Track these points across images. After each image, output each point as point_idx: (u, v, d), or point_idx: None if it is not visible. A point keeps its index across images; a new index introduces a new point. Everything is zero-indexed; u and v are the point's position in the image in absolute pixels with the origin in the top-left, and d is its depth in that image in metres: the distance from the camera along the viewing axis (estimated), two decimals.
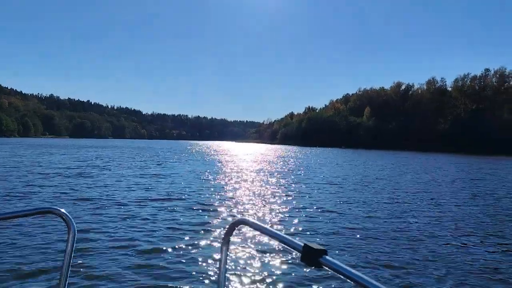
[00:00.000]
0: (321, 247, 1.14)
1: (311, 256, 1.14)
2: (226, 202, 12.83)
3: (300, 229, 9.27)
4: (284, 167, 30.88)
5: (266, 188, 16.95)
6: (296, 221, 10.17)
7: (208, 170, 25.66)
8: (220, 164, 33.08)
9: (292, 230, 9.14)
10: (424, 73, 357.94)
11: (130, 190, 14.90)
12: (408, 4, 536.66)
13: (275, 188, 16.93)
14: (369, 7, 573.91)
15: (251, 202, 13.04)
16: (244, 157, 46.82)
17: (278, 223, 9.97)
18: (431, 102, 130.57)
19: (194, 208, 11.50)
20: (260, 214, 11.01)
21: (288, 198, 14.11)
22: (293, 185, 18.36)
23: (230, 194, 14.59)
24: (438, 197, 15.99)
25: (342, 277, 1.05)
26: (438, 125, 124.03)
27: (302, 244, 1.19)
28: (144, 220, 9.64)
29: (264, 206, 12.34)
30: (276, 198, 14.12)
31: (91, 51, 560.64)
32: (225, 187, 16.89)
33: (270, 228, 1.41)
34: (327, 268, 1.10)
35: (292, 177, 22.81)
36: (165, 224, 9.28)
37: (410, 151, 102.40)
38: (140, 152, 52.10)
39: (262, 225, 1.46)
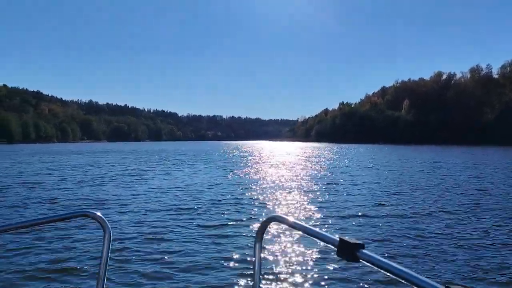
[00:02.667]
0: (358, 241, 1.12)
1: (347, 250, 1.11)
2: (258, 200, 12.79)
3: (334, 226, 9.05)
4: (313, 170, 27.39)
5: (297, 189, 15.75)
6: (329, 219, 9.82)
7: (237, 170, 25.06)
8: (248, 164, 31.89)
9: (325, 227, 9.00)
10: (465, 61, 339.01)
11: (162, 191, 14.99)
12: None
13: (306, 189, 15.71)
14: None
15: (283, 201, 12.69)
16: (267, 158, 43.48)
17: (311, 220, 9.80)
18: (475, 91, 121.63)
19: (227, 207, 11.53)
20: (292, 213, 10.86)
21: (320, 199, 13.17)
22: (322, 189, 15.89)
23: (260, 193, 14.40)
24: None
25: (380, 270, 1.02)
26: (484, 115, 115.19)
27: (338, 239, 1.17)
28: (176, 220, 9.68)
29: (296, 205, 11.98)
30: (308, 198, 13.37)
31: (131, 59, 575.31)
32: (255, 186, 16.54)
33: (304, 224, 1.39)
34: (364, 262, 1.08)
35: (323, 182, 19.51)
36: (197, 223, 9.31)
37: (454, 144, 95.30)
38: (166, 156, 49.56)
39: (295, 221, 1.44)
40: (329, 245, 1.21)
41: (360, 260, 1.09)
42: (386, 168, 26.41)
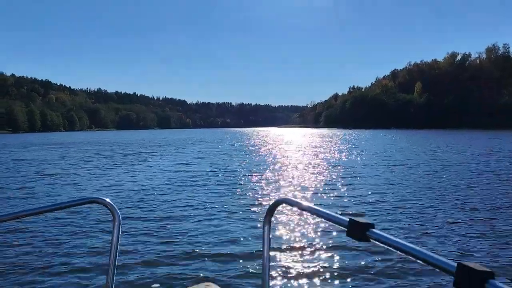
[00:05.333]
0: (368, 221, 1.11)
1: (357, 230, 1.10)
2: (265, 184, 12.81)
3: (343, 208, 9.05)
4: (316, 161, 24.45)
5: (305, 175, 15.35)
6: (338, 201, 9.84)
7: (243, 158, 24.50)
8: (253, 151, 31.27)
9: (335, 208, 8.92)
10: (481, 42, 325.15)
11: (169, 177, 15.19)
12: None
13: (313, 175, 15.34)
14: None
15: (290, 186, 12.55)
16: (270, 146, 40.63)
17: (320, 202, 9.72)
18: (492, 72, 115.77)
19: (235, 190, 11.58)
20: (301, 196, 10.84)
21: (327, 184, 13.01)
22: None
23: (268, 178, 14.32)
24: None
25: (391, 249, 1.02)
26: (502, 97, 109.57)
27: (348, 219, 1.16)
28: (185, 203, 9.80)
29: (304, 189, 11.95)
30: (315, 183, 13.21)
31: (140, 47, 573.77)
32: (262, 172, 16.44)
33: (313, 206, 1.39)
34: (375, 242, 1.07)
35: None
36: (207, 206, 9.40)
37: (469, 128, 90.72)
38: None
39: (304, 203, 1.43)
40: (339, 226, 1.20)
41: (371, 240, 1.08)
42: (399, 154, 24.79)
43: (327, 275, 5.11)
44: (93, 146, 40.79)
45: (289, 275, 5.11)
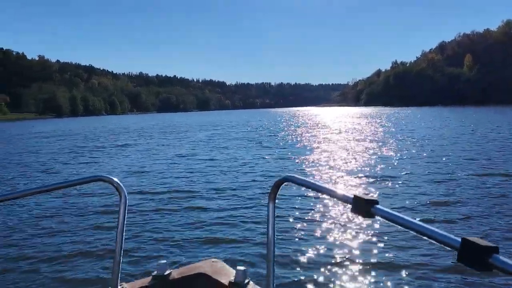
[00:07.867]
0: (372, 197, 1.11)
1: (362, 207, 1.10)
2: (271, 164, 13.11)
3: (348, 186, 9.27)
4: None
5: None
6: (343, 179, 9.99)
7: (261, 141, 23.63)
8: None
9: (340, 186, 9.18)
10: None
11: (174, 155, 15.80)
12: None
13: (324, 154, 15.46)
14: None
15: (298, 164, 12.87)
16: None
17: (325, 181, 9.83)
18: None
19: (242, 171, 11.65)
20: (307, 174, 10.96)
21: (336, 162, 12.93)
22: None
23: (274, 158, 14.36)
24: None
25: (395, 225, 1.02)
26: None
27: (352, 196, 1.16)
28: (190, 183, 9.92)
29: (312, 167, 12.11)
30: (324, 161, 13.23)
31: (179, 29, 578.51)
32: (273, 155, 15.86)
33: (318, 183, 1.38)
34: (379, 218, 1.07)
35: None
36: (211, 186, 9.47)
37: None
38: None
39: (309, 180, 1.42)
40: (344, 203, 1.21)
41: (375, 216, 1.08)
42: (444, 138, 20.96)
43: (332, 252, 5.14)
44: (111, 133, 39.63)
45: (294, 252, 5.16)
